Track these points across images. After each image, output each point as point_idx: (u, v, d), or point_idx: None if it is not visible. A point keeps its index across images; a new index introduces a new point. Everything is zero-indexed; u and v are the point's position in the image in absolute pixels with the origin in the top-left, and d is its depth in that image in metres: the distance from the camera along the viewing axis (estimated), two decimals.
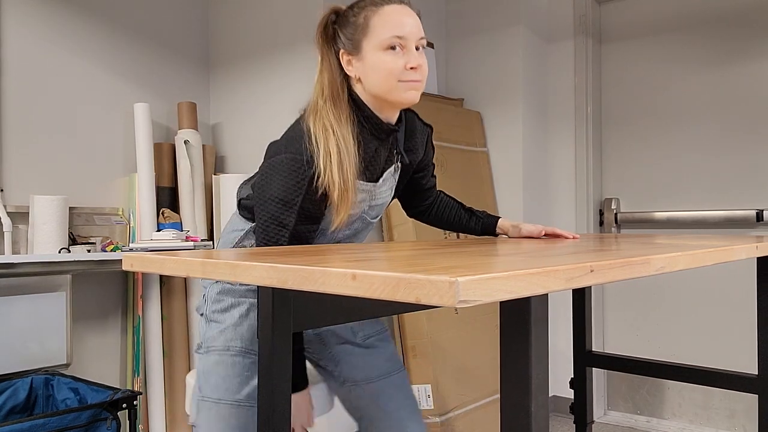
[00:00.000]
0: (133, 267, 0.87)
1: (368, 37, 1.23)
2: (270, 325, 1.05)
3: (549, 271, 0.61)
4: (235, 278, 0.73)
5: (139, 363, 2.34)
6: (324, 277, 0.62)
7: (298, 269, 0.65)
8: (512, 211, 2.89)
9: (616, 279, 0.71)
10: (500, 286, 0.55)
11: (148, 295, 2.34)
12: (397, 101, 1.26)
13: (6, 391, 1.98)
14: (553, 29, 3.09)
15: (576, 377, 1.95)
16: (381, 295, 0.56)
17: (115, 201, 2.44)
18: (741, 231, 2.68)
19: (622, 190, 3.01)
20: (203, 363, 1.31)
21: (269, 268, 0.69)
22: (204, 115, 2.78)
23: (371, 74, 1.24)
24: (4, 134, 2.14)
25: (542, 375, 0.71)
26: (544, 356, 0.71)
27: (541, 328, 0.71)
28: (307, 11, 2.42)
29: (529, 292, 0.58)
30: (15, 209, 2.12)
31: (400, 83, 1.23)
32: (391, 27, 1.22)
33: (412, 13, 1.26)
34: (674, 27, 2.86)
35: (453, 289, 0.51)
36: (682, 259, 0.88)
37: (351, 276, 0.59)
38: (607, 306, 3.03)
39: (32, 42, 2.22)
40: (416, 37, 1.24)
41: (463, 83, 3.07)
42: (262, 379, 1.07)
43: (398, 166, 1.37)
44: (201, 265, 0.78)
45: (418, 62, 1.23)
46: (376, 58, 1.22)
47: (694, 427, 2.79)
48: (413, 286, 0.54)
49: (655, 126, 2.91)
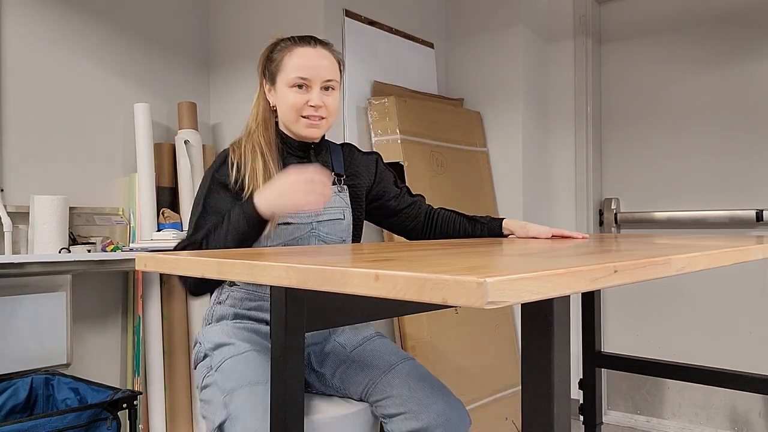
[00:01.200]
0: (147, 267, 0.87)
1: (280, 74, 1.41)
2: (283, 325, 1.04)
3: (574, 272, 0.60)
4: (252, 278, 0.72)
5: (139, 363, 2.34)
6: (346, 277, 0.61)
7: (319, 270, 0.64)
8: (512, 211, 2.89)
9: (640, 279, 0.71)
10: (527, 287, 0.54)
11: (148, 294, 2.34)
12: (299, 135, 1.43)
13: (6, 391, 1.98)
14: (553, 29, 3.09)
15: (585, 378, 1.94)
16: (406, 296, 0.55)
17: (115, 201, 2.44)
18: (741, 231, 2.68)
19: (622, 190, 3.01)
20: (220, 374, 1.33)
21: (288, 269, 0.68)
22: (204, 115, 2.78)
23: (280, 106, 1.43)
24: (4, 134, 2.14)
25: (564, 378, 0.70)
26: (566, 359, 0.70)
27: (563, 330, 0.70)
28: (307, 11, 2.42)
29: (555, 292, 0.57)
30: (15, 209, 2.12)
31: (302, 119, 1.40)
32: (297, 68, 1.39)
33: (325, 56, 1.42)
34: (674, 27, 2.86)
35: (481, 290, 0.50)
36: (702, 260, 0.88)
37: (374, 276, 0.58)
38: (607, 306, 3.03)
39: (32, 42, 2.22)
40: (321, 79, 1.40)
41: (463, 83, 3.07)
42: (275, 380, 1.06)
43: (343, 188, 1.50)
44: (217, 265, 0.77)
45: (317, 102, 1.39)
46: (284, 93, 1.40)
47: (694, 427, 2.79)
48: (440, 286, 0.53)
49: (655, 126, 2.91)
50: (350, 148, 1.60)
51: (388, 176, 1.61)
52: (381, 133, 2.51)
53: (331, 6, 2.41)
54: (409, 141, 2.54)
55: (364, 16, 2.58)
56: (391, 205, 1.59)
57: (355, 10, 2.54)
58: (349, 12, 2.50)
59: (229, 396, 1.26)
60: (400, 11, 2.80)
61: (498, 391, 2.66)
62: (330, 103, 1.42)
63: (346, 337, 1.50)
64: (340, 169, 1.53)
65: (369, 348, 1.46)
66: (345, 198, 1.50)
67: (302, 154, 1.47)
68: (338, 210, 1.47)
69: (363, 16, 2.57)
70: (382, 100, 2.52)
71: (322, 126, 1.42)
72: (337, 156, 1.55)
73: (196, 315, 2.45)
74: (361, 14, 2.56)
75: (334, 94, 1.43)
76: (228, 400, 1.25)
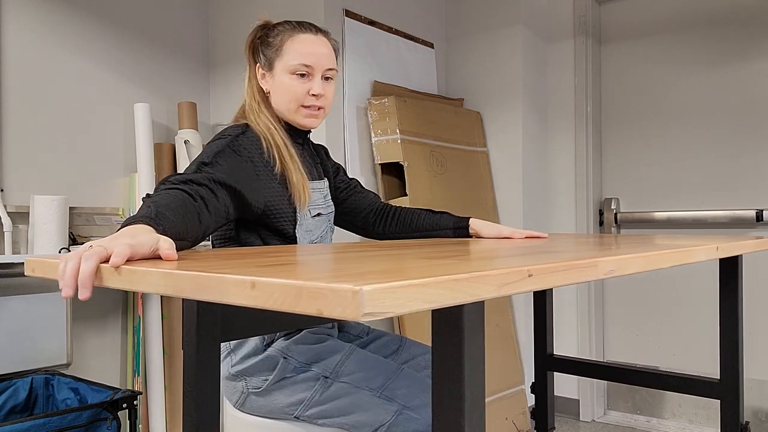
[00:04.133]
0: (35, 272, 0.78)
1: (280, 59, 1.35)
2: (194, 337, 0.96)
3: (478, 277, 0.54)
4: (132, 287, 0.64)
5: (139, 363, 2.34)
6: (221, 285, 0.53)
7: (194, 276, 0.56)
8: (512, 211, 2.89)
9: (558, 284, 0.65)
10: (415, 295, 0.48)
11: (148, 294, 2.34)
12: (296, 123, 1.38)
13: (6, 391, 1.98)
14: (553, 29, 3.09)
15: (537, 382, 1.90)
16: (281, 307, 0.48)
17: (115, 201, 2.44)
18: (741, 231, 2.68)
19: (621, 190, 3.01)
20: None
21: (165, 275, 0.60)
22: (204, 115, 2.78)
23: (278, 93, 1.36)
24: (4, 134, 2.14)
25: (478, 390, 0.63)
26: (480, 369, 0.63)
27: (475, 338, 0.63)
28: (307, 11, 2.42)
29: (452, 301, 0.51)
30: (15, 209, 2.12)
31: (301, 108, 1.35)
32: (300, 54, 1.33)
33: (326, 44, 1.38)
34: (674, 27, 2.86)
35: (357, 300, 0.44)
36: (635, 262, 0.82)
37: (250, 284, 0.51)
38: (607, 306, 3.03)
39: (32, 42, 2.22)
40: (323, 68, 1.35)
41: (463, 83, 3.07)
42: (186, 393, 0.98)
43: (325, 181, 1.48)
44: (103, 270, 0.69)
45: (319, 91, 1.34)
46: (284, 79, 1.34)
47: (694, 427, 2.79)
48: (315, 296, 0.46)
49: (655, 126, 2.91)
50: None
51: (340, 168, 1.59)
52: (381, 133, 2.51)
53: (331, 6, 2.41)
54: (409, 141, 2.54)
55: (364, 16, 2.58)
56: (341, 196, 1.56)
57: (355, 10, 2.54)
58: (349, 12, 2.50)
59: (386, 390, 1.19)
60: (400, 11, 2.80)
61: (498, 391, 2.66)
62: (329, 92, 1.38)
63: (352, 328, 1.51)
64: (325, 163, 1.54)
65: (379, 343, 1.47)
66: (328, 189, 1.49)
67: (302, 142, 1.44)
68: (330, 203, 1.47)
69: (363, 16, 2.57)
70: (382, 99, 2.52)
71: (320, 116, 1.38)
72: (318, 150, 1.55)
73: None
74: (361, 14, 2.56)
75: (332, 84, 1.40)
76: (389, 394, 1.18)
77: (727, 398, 1.57)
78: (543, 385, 1.88)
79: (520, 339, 2.86)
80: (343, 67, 2.46)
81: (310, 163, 1.44)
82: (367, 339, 1.47)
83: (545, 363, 1.88)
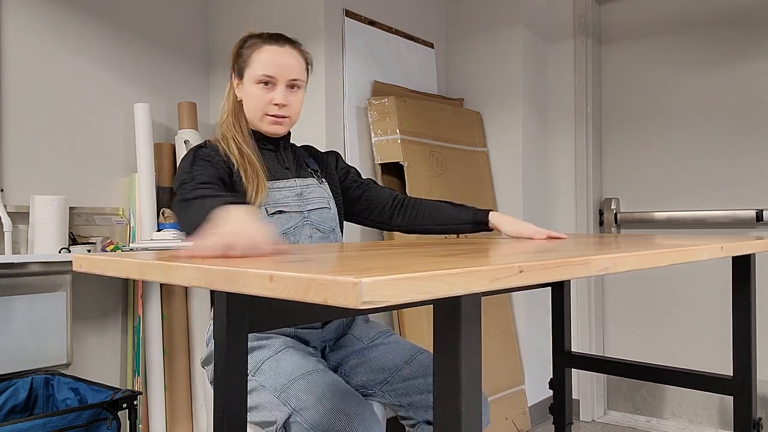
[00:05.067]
0: (82, 268, 0.88)
1: (248, 69, 1.44)
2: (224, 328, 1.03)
3: (471, 272, 0.59)
4: (167, 280, 0.73)
5: (139, 363, 2.34)
6: (245, 278, 0.61)
7: (223, 271, 0.65)
8: (512, 211, 2.89)
9: (551, 279, 0.70)
10: (411, 287, 0.53)
11: (148, 295, 2.34)
12: (262, 131, 1.46)
13: (6, 391, 1.98)
14: (553, 29, 3.09)
15: (555, 378, 1.93)
16: (294, 296, 0.56)
17: (115, 201, 2.44)
18: (741, 231, 2.68)
19: (621, 190, 3.01)
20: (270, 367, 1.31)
21: (197, 270, 0.69)
22: (204, 115, 2.78)
23: (246, 102, 1.45)
24: (4, 134, 2.14)
25: (474, 377, 0.69)
26: (476, 358, 0.69)
27: (472, 328, 0.68)
28: (307, 11, 2.42)
29: (445, 292, 0.57)
30: (15, 209, 2.12)
31: (266, 116, 1.43)
32: (263, 65, 1.41)
33: (292, 55, 1.44)
34: (674, 27, 2.86)
35: (356, 290, 0.50)
36: (630, 260, 0.84)
37: (269, 277, 0.59)
38: (607, 305, 3.04)
39: (32, 42, 2.22)
40: (286, 78, 1.42)
41: (463, 83, 3.07)
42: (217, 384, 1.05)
43: (322, 180, 1.54)
44: (138, 266, 0.79)
45: (281, 100, 1.41)
46: (250, 89, 1.43)
47: (694, 427, 2.79)
48: (322, 287, 0.53)
49: (655, 126, 2.91)
50: (311, 148, 1.65)
51: (352, 171, 1.64)
52: (381, 133, 2.51)
53: (331, 6, 2.41)
54: (409, 141, 2.54)
55: (364, 16, 2.58)
56: (355, 194, 1.60)
57: (355, 10, 2.54)
58: (349, 12, 2.50)
59: (284, 392, 1.24)
60: (400, 11, 2.80)
61: (498, 391, 2.66)
62: (294, 102, 1.45)
63: (359, 330, 1.52)
64: (314, 165, 1.57)
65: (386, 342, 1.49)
66: (326, 190, 1.53)
67: (273, 148, 1.50)
68: (323, 200, 1.50)
69: (363, 16, 2.57)
70: (382, 99, 2.52)
71: (285, 124, 1.45)
72: (303, 153, 1.59)
73: (196, 315, 2.45)
74: (361, 14, 2.56)
75: (299, 93, 1.46)
76: (286, 397, 1.24)
77: (740, 394, 1.60)
78: (561, 382, 1.91)
79: (520, 339, 2.86)
80: (343, 67, 2.46)
81: (284, 165, 1.50)
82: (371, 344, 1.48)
83: (563, 359, 1.90)
